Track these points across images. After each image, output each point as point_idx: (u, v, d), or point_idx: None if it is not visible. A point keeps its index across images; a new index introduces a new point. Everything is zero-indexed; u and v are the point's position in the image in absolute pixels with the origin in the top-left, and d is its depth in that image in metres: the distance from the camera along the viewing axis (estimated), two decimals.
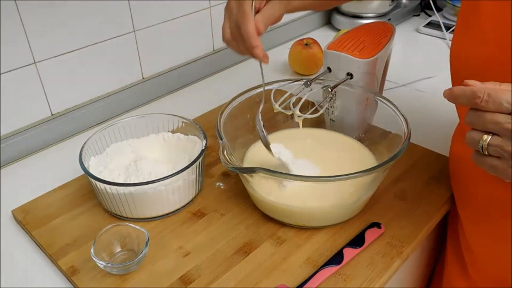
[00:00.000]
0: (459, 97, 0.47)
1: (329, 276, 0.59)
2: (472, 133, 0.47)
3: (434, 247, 0.86)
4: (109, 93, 0.94)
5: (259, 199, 0.66)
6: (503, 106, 0.43)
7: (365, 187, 0.65)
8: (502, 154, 0.45)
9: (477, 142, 0.46)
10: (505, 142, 0.44)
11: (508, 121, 0.43)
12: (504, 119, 0.44)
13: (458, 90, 0.47)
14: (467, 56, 0.58)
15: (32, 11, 0.78)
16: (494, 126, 0.44)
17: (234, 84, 0.80)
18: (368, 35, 0.79)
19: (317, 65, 1.10)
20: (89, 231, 0.66)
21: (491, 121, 0.44)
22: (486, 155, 0.46)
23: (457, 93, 0.47)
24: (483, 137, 0.45)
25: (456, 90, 0.47)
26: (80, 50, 0.87)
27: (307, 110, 0.75)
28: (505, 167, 0.45)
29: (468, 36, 0.58)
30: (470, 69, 0.58)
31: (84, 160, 0.68)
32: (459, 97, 0.47)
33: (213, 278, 0.59)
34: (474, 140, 0.46)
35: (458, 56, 0.60)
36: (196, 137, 0.74)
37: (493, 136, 0.45)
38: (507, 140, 0.44)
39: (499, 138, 0.44)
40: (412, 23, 1.40)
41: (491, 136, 0.45)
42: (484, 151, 0.46)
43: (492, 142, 0.45)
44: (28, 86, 0.82)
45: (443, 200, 0.71)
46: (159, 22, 0.98)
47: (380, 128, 0.75)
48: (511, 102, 0.43)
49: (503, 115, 0.44)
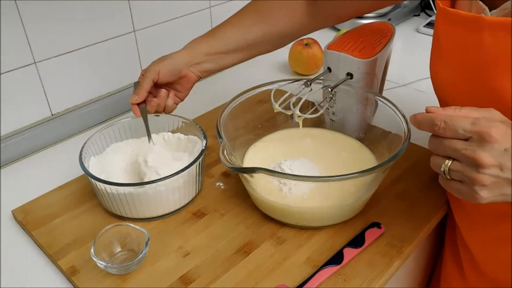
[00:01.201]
0: (421, 124, 0.49)
1: (329, 276, 0.59)
2: (435, 159, 0.49)
3: (434, 247, 0.86)
4: (109, 93, 0.94)
5: (259, 199, 0.66)
6: (459, 133, 0.45)
7: (365, 187, 0.65)
8: (463, 178, 0.46)
9: (439, 167, 0.48)
10: (464, 167, 0.45)
11: (465, 148, 0.45)
12: (461, 146, 0.45)
13: (420, 117, 0.49)
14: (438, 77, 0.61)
15: (32, 11, 0.78)
16: (452, 152, 0.46)
17: (234, 84, 0.80)
18: (368, 35, 0.79)
19: (317, 65, 1.10)
20: (89, 231, 0.66)
21: (450, 147, 0.46)
22: (449, 179, 0.48)
23: (419, 120, 0.49)
24: (444, 162, 0.47)
25: (419, 117, 0.49)
26: (80, 50, 0.87)
27: (307, 110, 0.75)
28: (468, 190, 0.46)
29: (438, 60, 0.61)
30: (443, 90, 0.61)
31: (84, 160, 0.68)
32: (421, 124, 0.49)
33: (213, 278, 0.59)
34: (437, 165, 0.48)
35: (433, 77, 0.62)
36: (196, 137, 0.74)
37: (453, 162, 0.47)
38: (465, 166, 0.45)
39: (459, 164, 0.46)
40: (412, 23, 1.40)
41: (451, 161, 0.47)
42: (446, 175, 0.47)
43: (452, 167, 0.47)
44: (28, 86, 0.82)
45: (443, 200, 0.71)
46: (159, 22, 0.98)
47: (380, 128, 0.75)
48: (466, 129, 0.45)
49: (460, 142, 0.45)
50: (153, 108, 0.74)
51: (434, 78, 0.62)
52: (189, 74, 0.75)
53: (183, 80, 0.75)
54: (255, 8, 0.77)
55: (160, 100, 0.74)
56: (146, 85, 0.72)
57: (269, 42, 0.78)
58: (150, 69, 0.73)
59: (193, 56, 0.74)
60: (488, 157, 0.44)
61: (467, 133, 0.45)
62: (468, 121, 0.45)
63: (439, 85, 0.61)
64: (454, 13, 0.54)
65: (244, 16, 0.77)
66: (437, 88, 0.62)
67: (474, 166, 0.44)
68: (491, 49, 0.51)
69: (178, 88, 0.77)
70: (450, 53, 0.57)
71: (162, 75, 0.73)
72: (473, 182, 0.45)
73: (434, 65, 0.61)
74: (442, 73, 0.59)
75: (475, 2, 0.53)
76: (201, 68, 0.76)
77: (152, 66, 0.74)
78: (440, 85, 0.61)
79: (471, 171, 0.45)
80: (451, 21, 0.55)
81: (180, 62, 0.74)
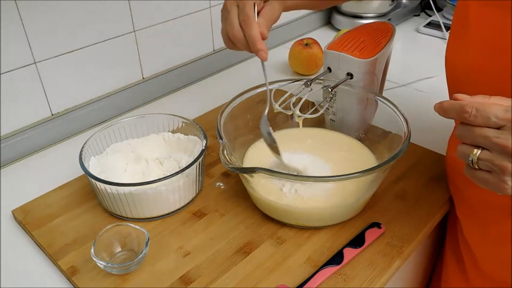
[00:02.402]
0: (449, 111, 0.47)
1: (329, 276, 0.59)
2: (463, 147, 0.47)
3: (434, 247, 0.86)
4: (109, 93, 0.94)
5: (259, 199, 0.66)
6: (491, 121, 0.44)
7: (366, 187, 0.65)
8: (492, 168, 0.45)
9: (467, 156, 0.46)
10: (495, 156, 0.44)
11: (497, 136, 0.43)
12: (493, 134, 0.44)
13: (447, 105, 0.47)
14: (459, 63, 0.59)
15: (32, 11, 0.78)
16: (483, 140, 0.45)
17: (234, 84, 0.80)
18: (368, 35, 0.79)
19: (317, 65, 1.10)
20: (89, 231, 0.66)
21: (480, 135, 0.45)
22: (476, 168, 0.46)
23: (446, 108, 0.47)
24: (473, 152, 0.46)
25: (446, 104, 0.47)
26: (80, 50, 0.87)
27: (307, 110, 0.75)
28: (496, 180, 0.45)
29: (459, 43, 0.59)
30: (462, 77, 0.59)
31: (84, 160, 0.68)
32: (449, 112, 0.47)
33: (213, 278, 0.59)
34: (465, 154, 0.47)
35: (451, 63, 0.60)
36: (196, 137, 0.74)
37: (482, 151, 0.45)
38: (496, 155, 0.44)
39: (489, 153, 0.45)
40: (412, 23, 1.40)
41: (481, 150, 0.45)
42: (475, 165, 0.46)
43: (481, 156, 0.45)
44: (28, 86, 0.82)
45: (444, 200, 0.71)
46: (159, 22, 0.98)
47: (380, 128, 0.75)
48: (499, 117, 0.43)
49: (492, 130, 0.44)
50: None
51: (451, 63, 0.60)
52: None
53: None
54: None
55: None
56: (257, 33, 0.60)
57: None
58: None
59: None
60: None
61: (500, 121, 0.43)
62: (501, 108, 0.43)
63: (456, 70, 0.59)
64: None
65: None
66: (453, 73, 0.60)
67: (506, 154, 0.43)
68: None
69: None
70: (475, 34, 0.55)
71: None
72: (503, 171, 0.43)
73: (453, 48, 0.59)
74: (461, 56, 0.57)
75: None
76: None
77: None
78: (457, 70, 0.59)
79: (503, 160, 0.43)
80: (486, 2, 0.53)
81: None
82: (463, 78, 0.59)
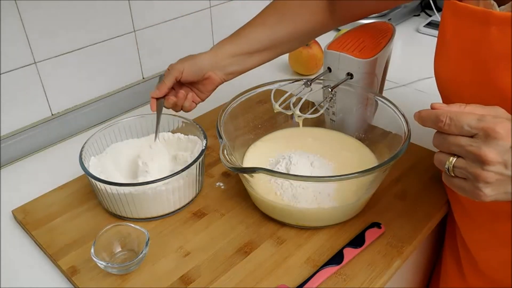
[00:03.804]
0: (425, 120, 0.48)
1: (329, 276, 0.59)
2: (439, 155, 0.48)
3: (434, 247, 0.86)
4: (109, 93, 0.94)
5: (259, 199, 0.66)
6: (464, 130, 0.45)
7: (366, 187, 0.65)
8: (467, 175, 0.46)
9: (443, 164, 0.47)
10: (469, 164, 0.45)
11: (469, 144, 0.44)
12: (466, 142, 0.45)
13: (424, 114, 0.48)
14: (442, 74, 0.60)
15: (32, 11, 0.78)
16: (457, 149, 0.46)
17: (234, 84, 0.80)
18: (368, 35, 0.79)
19: (317, 65, 1.10)
20: (89, 231, 0.66)
21: (454, 144, 0.46)
22: (453, 176, 0.47)
23: (424, 116, 0.48)
24: (449, 159, 0.47)
25: (423, 113, 0.49)
26: (80, 50, 0.87)
27: (307, 110, 0.75)
28: (471, 188, 0.46)
29: (442, 55, 0.60)
30: (446, 86, 0.60)
31: (84, 160, 0.68)
32: (425, 121, 0.48)
33: (213, 278, 0.59)
34: (441, 162, 0.48)
35: (437, 73, 0.62)
36: (196, 137, 0.74)
37: (458, 159, 0.46)
38: (470, 163, 0.45)
39: (464, 161, 0.46)
40: (412, 23, 1.40)
41: (456, 158, 0.46)
42: (451, 172, 0.47)
43: (457, 164, 0.46)
44: (28, 86, 0.82)
45: (443, 200, 0.71)
46: (159, 22, 0.98)
47: (380, 128, 0.75)
48: (472, 126, 0.44)
49: (465, 138, 0.45)
50: (169, 105, 0.74)
51: (438, 74, 0.61)
52: (213, 76, 0.74)
53: (207, 82, 0.75)
54: (275, 9, 0.77)
55: (178, 100, 0.74)
56: (168, 82, 0.73)
57: (293, 41, 0.79)
58: (175, 67, 0.73)
59: (218, 58, 0.74)
60: (494, 153, 0.43)
61: (473, 129, 0.44)
62: (474, 117, 0.45)
63: (442, 82, 0.60)
64: (462, 7, 0.54)
65: (266, 17, 0.77)
66: (441, 84, 0.61)
67: (479, 162, 0.44)
68: (497, 44, 0.50)
69: (201, 89, 0.77)
70: (456, 48, 0.56)
71: (186, 75, 0.73)
72: (477, 179, 0.45)
73: (439, 60, 0.61)
74: (446, 69, 0.59)
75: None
76: (226, 71, 0.75)
77: (177, 64, 0.74)
78: (443, 82, 0.60)
79: (476, 168, 0.44)
80: (459, 14, 0.55)
81: (204, 64, 0.74)
82: (447, 88, 0.60)
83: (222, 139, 0.64)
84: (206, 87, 0.76)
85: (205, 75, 0.74)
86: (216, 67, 0.74)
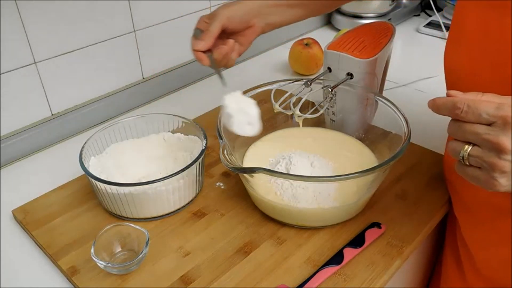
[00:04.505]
0: (441, 108, 0.47)
1: (330, 276, 0.59)
2: (454, 144, 0.47)
3: (434, 247, 0.86)
4: (109, 93, 0.94)
5: (259, 199, 0.66)
6: (482, 117, 0.44)
7: (366, 187, 0.65)
8: (482, 164, 0.45)
9: (458, 152, 0.47)
10: (485, 153, 0.44)
11: (487, 132, 0.44)
12: (483, 130, 0.44)
13: (440, 102, 0.48)
14: (456, 66, 0.59)
15: (32, 11, 0.78)
16: (473, 137, 0.45)
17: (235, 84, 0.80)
18: (368, 35, 0.79)
19: (317, 65, 1.10)
20: (89, 231, 0.66)
21: (471, 132, 0.45)
22: (467, 165, 0.46)
23: (439, 104, 0.48)
24: (463, 148, 0.46)
25: (438, 101, 0.48)
26: (80, 50, 0.87)
27: (307, 110, 0.75)
28: (486, 177, 0.45)
29: (456, 45, 0.59)
30: (459, 79, 0.59)
31: (84, 160, 0.68)
32: (441, 108, 0.48)
33: (213, 278, 0.59)
34: (455, 151, 0.47)
35: (448, 65, 0.60)
36: (196, 137, 0.74)
37: (473, 147, 0.45)
38: (486, 151, 0.44)
39: (479, 149, 0.45)
40: (412, 23, 1.40)
41: (472, 147, 0.45)
42: (465, 161, 0.46)
43: (472, 153, 0.45)
44: (28, 86, 0.82)
45: (443, 200, 0.71)
46: (159, 22, 0.98)
47: (380, 128, 0.75)
48: (490, 113, 0.43)
49: (482, 126, 0.44)
50: (220, 55, 0.67)
51: (449, 67, 0.60)
52: (257, 24, 0.69)
53: (249, 31, 0.70)
54: None
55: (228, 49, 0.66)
56: (215, 29, 0.65)
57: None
58: (221, 13, 0.67)
59: (262, 5, 0.70)
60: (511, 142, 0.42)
61: (491, 117, 0.43)
62: (492, 105, 0.44)
63: (453, 74, 0.59)
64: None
65: None
66: (451, 77, 0.60)
67: (496, 151, 0.43)
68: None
69: (241, 40, 0.70)
70: (471, 37, 0.55)
71: (232, 22, 0.67)
72: (493, 168, 0.44)
73: (451, 52, 0.60)
74: (458, 60, 0.58)
75: None
76: (267, 20, 0.71)
77: (221, 10, 0.67)
78: (454, 74, 0.59)
79: (492, 157, 0.44)
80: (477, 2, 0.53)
81: (250, 10, 0.69)
82: (460, 80, 0.59)
83: (222, 140, 0.64)
84: (247, 38, 0.71)
85: (250, 22, 0.69)
86: (259, 15, 0.70)
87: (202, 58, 0.67)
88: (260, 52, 1.22)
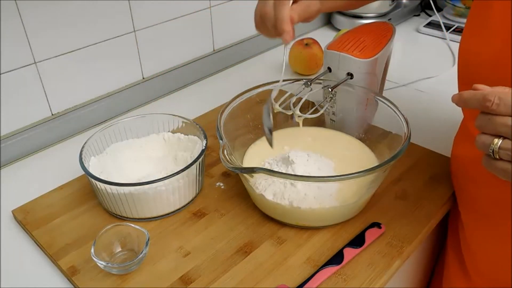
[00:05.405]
0: (469, 101, 0.46)
1: (330, 276, 0.59)
2: (483, 137, 0.46)
3: (434, 247, 0.86)
4: (109, 93, 0.94)
5: (259, 199, 0.66)
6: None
7: (366, 186, 0.65)
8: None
9: (487, 146, 0.45)
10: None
11: None
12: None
13: (468, 95, 0.46)
14: (476, 55, 0.58)
15: (32, 10, 0.78)
16: (505, 129, 0.44)
17: (234, 84, 0.80)
18: (368, 35, 0.79)
19: (317, 65, 1.10)
20: (89, 231, 0.66)
21: (502, 124, 0.44)
22: (497, 158, 0.45)
23: (467, 98, 0.46)
24: (493, 141, 0.45)
25: (466, 94, 0.47)
26: (80, 50, 0.87)
27: (307, 110, 0.75)
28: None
29: (477, 35, 0.58)
30: (478, 68, 0.58)
31: (84, 160, 0.68)
32: (469, 101, 0.46)
33: (213, 278, 0.59)
34: (485, 145, 0.46)
35: (467, 55, 0.60)
36: (196, 137, 0.74)
37: (504, 140, 0.44)
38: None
39: (510, 142, 0.44)
40: (412, 23, 1.40)
41: (502, 140, 0.44)
42: (495, 154, 0.45)
43: (503, 146, 0.44)
44: (28, 86, 0.82)
45: (444, 200, 0.71)
46: (159, 22, 0.98)
47: (380, 128, 0.75)
48: None
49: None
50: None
51: (466, 59, 0.59)
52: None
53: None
54: None
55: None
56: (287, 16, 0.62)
57: None
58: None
59: None
60: None
61: None
62: None
63: (470, 67, 0.58)
64: None
65: None
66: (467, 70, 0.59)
67: None
68: None
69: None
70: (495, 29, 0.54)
71: None
72: None
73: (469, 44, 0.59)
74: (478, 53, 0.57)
75: None
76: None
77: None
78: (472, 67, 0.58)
79: None
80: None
81: None
82: (477, 73, 0.58)
83: (222, 140, 0.64)
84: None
85: None
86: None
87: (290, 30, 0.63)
88: (260, 52, 1.22)
